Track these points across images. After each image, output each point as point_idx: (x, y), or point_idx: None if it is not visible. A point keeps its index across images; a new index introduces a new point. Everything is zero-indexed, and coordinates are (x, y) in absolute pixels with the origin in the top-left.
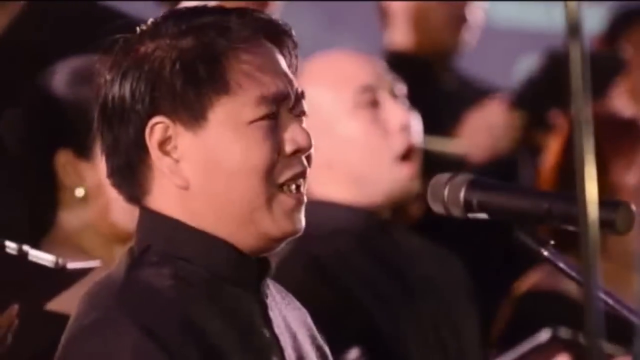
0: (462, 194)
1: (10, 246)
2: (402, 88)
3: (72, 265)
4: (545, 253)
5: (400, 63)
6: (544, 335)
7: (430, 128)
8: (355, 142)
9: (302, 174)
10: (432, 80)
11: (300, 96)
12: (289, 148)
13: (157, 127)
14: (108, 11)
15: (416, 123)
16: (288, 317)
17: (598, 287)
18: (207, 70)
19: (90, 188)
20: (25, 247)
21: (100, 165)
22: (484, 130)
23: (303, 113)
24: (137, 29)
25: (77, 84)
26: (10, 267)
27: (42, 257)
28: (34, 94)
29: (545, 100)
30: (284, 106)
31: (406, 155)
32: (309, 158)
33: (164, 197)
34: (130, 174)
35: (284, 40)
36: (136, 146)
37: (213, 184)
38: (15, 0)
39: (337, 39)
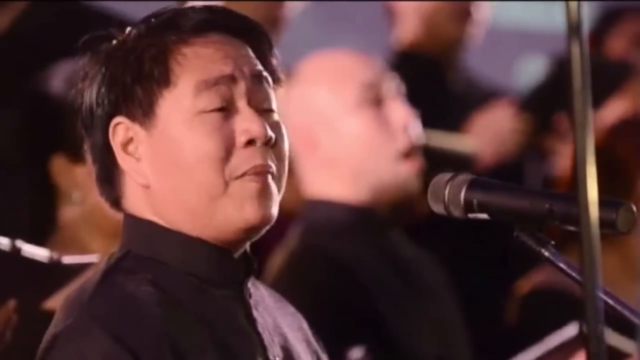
0: (462, 194)
1: (3, 242)
2: (401, 87)
3: (67, 260)
4: (546, 253)
5: (407, 62)
6: (571, 330)
7: (437, 127)
8: (358, 139)
9: (262, 168)
10: (439, 79)
11: (261, 83)
12: (242, 138)
13: (118, 128)
14: (108, 13)
15: (416, 122)
16: (279, 319)
17: (599, 287)
18: (151, 65)
19: (87, 189)
20: (19, 243)
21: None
22: (490, 134)
23: (267, 103)
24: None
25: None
26: (4, 263)
27: (36, 252)
28: (30, 98)
29: (553, 104)
30: (238, 97)
31: (408, 153)
32: (278, 151)
33: (135, 199)
34: (107, 178)
35: (247, 32)
36: (105, 150)
37: (169, 180)
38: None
39: (337, 39)
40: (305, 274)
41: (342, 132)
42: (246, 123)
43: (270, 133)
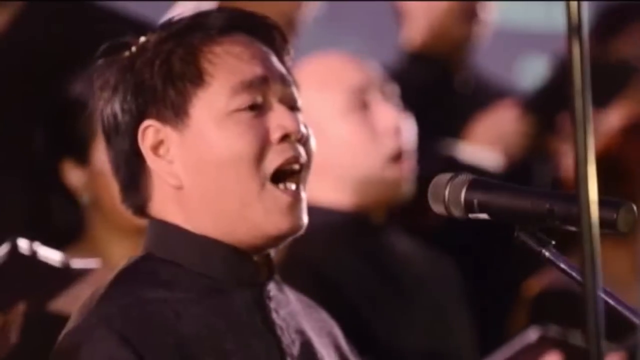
0: (462, 194)
1: (23, 246)
2: (393, 89)
3: (75, 264)
4: (547, 254)
5: (415, 63)
6: (532, 334)
7: (444, 128)
8: (346, 144)
9: (294, 160)
10: (447, 80)
11: (288, 83)
12: (276, 134)
13: (148, 131)
14: (113, 13)
15: (408, 124)
16: (304, 324)
17: (599, 288)
18: (182, 65)
19: (99, 192)
20: (35, 246)
21: (99, 166)
22: (495, 137)
23: (295, 102)
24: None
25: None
26: (21, 266)
27: (50, 256)
28: (43, 101)
29: (557, 105)
30: (271, 95)
31: (397, 157)
32: (308, 149)
33: (163, 201)
34: (133, 184)
35: (268, 33)
36: (133, 156)
37: (203, 180)
38: (15, 0)
39: (337, 39)
40: (292, 284)
41: (330, 137)
42: (280, 119)
43: (303, 129)
